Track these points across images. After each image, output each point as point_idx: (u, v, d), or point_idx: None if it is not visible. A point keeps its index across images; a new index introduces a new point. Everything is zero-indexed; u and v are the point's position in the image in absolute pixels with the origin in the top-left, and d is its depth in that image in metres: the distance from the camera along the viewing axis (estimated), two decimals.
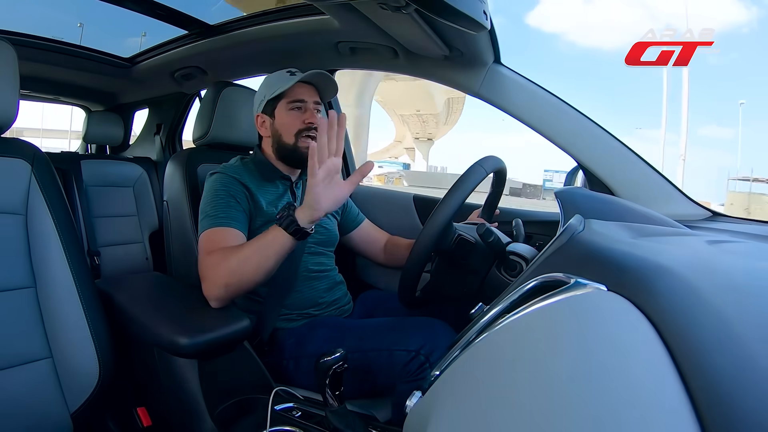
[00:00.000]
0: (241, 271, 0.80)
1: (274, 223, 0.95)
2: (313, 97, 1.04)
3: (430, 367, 0.82)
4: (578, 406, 0.23)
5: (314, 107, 1.04)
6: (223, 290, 0.82)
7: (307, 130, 1.02)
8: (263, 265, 0.80)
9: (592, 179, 1.03)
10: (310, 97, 1.03)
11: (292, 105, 1.02)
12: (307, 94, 1.03)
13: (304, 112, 1.02)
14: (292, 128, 1.02)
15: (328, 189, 0.76)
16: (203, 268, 0.85)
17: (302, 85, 1.03)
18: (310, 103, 1.03)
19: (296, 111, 1.02)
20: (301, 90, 1.03)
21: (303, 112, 1.02)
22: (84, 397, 0.78)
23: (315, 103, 1.04)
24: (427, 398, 0.38)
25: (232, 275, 0.81)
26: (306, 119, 1.02)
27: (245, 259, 0.80)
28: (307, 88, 1.04)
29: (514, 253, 0.81)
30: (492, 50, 1.03)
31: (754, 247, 0.57)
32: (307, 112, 1.03)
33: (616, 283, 0.33)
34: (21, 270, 0.77)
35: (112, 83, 2.04)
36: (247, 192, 0.98)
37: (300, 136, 1.02)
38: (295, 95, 1.02)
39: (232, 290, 0.82)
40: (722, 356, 0.23)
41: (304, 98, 1.02)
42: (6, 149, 0.80)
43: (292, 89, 1.02)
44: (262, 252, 0.80)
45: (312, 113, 1.03)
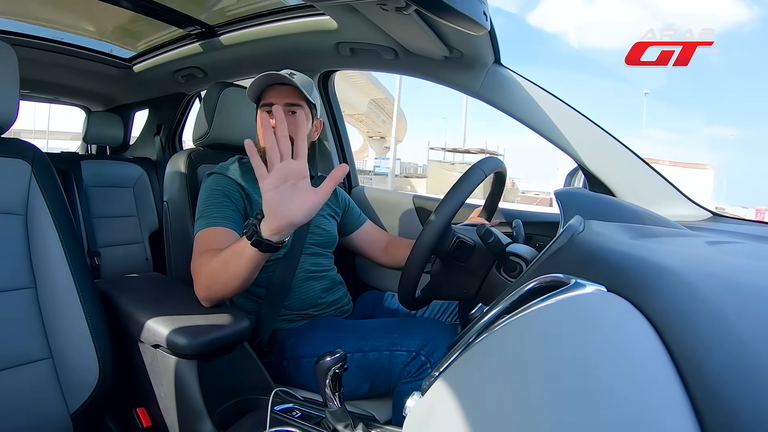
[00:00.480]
0: (218, 277, 0.79)
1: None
2: (285, 99, 0.98)
3: (430, 367, 0.82)
4: (578, 407, 0.23)
5: (285, 109, 0.98)
6: (207, 291, 0.82)
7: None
8: (237, 273, 0.77)
9: (592, 180, 1.03)
10: (279, 99, 0.98)
11: (263, 109, 1.00)
12: (276, 96, 0.99)
13: (273, 115, 0.97)
14: (262, 132, 0.99)
15: (289, 196, 0.67)
16: (193, 269, 0.85)
17: (274, 87, 0.99)
18: (280, 104, 0.96)
19: (267, 114, 0.99)
20: (271, 92, 0.99)
21: (272, 115, 0.97)
22: (84, 397, 0.78)
23: (286, 104, 0.98)
24: (426, 399, 0.38)
25: (212, 279, 0.80)
26: (273, 123, 0.98)
27: (222, 265, 0.78)
28: (279, 90, 0.99)
29: (514, 254, 0.81)
30: (492, 51, 1.03)
31: (754, 247, 0.57)
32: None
33: (616, 284, 0.33)
34: (21, 270, 0.77)
35: (112, 84, 2.04)
36: (243, 192, 0.97)
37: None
38: (265, 98, 1.00)
39: (215, 293, 0.81)
40: (722, 357, 0.23)
41: (271, 101, 0.98)
42: (6, 150, 0.80)
43: (265, 92, 1.00)
44: (233, 261, 0.76)
45: (277, 115, 0.98)
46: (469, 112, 25.06)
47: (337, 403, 0.63)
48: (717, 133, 61.41)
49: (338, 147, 1.55)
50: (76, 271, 0.80)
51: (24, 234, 0.79)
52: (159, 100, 2.09)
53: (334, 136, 1.54)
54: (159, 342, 0.74)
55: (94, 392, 0.78)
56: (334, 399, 0.62)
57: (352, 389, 0.87)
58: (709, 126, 62.24)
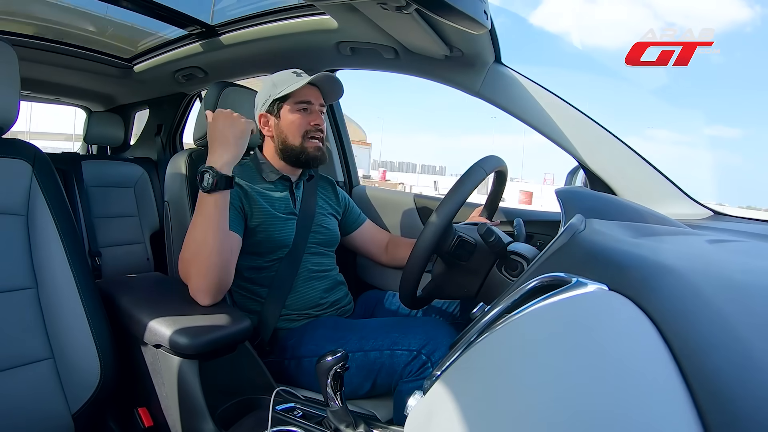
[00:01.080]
0: (191, 244, 0.84)
1: (270, 222, 0.98)
2: (319, 99, 1.05)
3: (431, 366, 0.82)
4: (580, 405, 0.23)
5: (319, 109, 1.05)
6: (184, 273, 0.85)
7: (314, 132, 1.03)
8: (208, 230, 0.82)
9: (593, 179, 1.03)
10: (316, 99, 1.04)
11: (298, 106, 1.02)
12: (313, 96, 1.04)
13: (310, 114, 1.03)
14: (299, 129, 1.03)
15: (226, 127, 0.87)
16: (180, 258, 0.87)
17: (308, 87, 1.03)
18: (316, 104, 1.04)
19: (302, 112, 1.03)
20: (308, 91, 1.03)
21: (309, 113, 1.03)
22: (85, 397, 0.78)
23: (320, 105, 1.05)
24: (428, 398, 0.38)
25: (189, 263, 0.84)
26: (312, 120, 1.03)
27: (192, 235, 0.84)
28: (313, 90, 1.04)
29: (515, 252, 0.81)
30: (492, 50, 1.03)
31: (755, 246, 0.56)
32: (313, 113, 1.03)
33: (618, 283, 0.33)
34: (22, 271, 0.77)
35: (112, 84, 2.04)
36: (241, 189, 0.98)
37: (307, 137, 1.03)
38: (302, 96, 1.03)
39: (194, 276, 0.83)
40: (723, 355, 0.23)
41: (310, 99, 1.03)
42: (7, 150, 0.80)
43: (299, 90, 1.02)
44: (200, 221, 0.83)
45: (318, 115, 1.04)
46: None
47: (339, 402, 0.63)
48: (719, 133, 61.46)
49: (338, 146, 1.55)
50: (77, 271, 0.81)
51: (25, 234, 0.79)
52: (159, 100, 2.09)
53: (334, 136, 1.54)
54: (160, 342, 0.74)
55: (96, 392, 0.78)
56: (336, 398, 0.62)
57: (353, 388, 0.87)
58: (711, 126, 62.28)
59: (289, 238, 1.01)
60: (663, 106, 74.69)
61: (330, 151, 1.52)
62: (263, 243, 0.98)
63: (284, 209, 1.03)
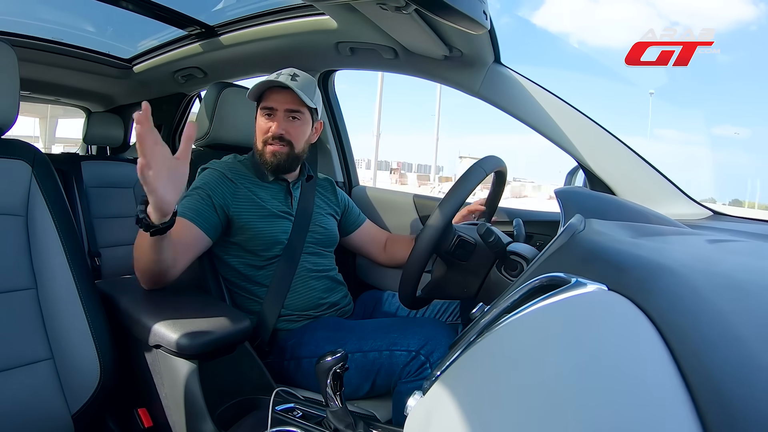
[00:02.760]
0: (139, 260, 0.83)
1: (258, 219, 0.99)
2: (287, 105, 0.99)
3: (430, 367, 0.82)
4: (579, 406, 0.23)
5: (286, 115, 0.99)
6: (138, 273, 0.87)
7: (272, 139, 0.99)
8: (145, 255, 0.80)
9: (593, 179, 1.03)
10: (281, 105, 0.99)
11: (263, 111, 1.01)
12: (279, 101, 0.99)
13: (272, 119, 1.00)
14: (260, 134, 1.01)
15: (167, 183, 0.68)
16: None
17: (277, 91, 0.99)
18: (281, 110, 0.99)
19: (266, 118, 1.00)
20: (274, 97, 0.99)
21: (271, 119, 1.00)
22: (85, 398, 0.78)
23: (287, 110, 0.99)
24: (427, 398, 0.38)
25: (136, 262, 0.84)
26: (271, 128, 0.99)
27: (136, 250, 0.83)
28: (282, 95, 0.99)
29: (515, 252, 0.81)
30: (492, 50, 1.03)
31: (755, 246, 0.56)
32: (276, 119, 0.99)
33: (617, 283, 0.33)
34: (21, 271, 0.77)
35: (112, 84, 2.04)
36: (229, 189, 0.98)
37: (266, 144, 1.00)
38: (266, 101, 1.00)
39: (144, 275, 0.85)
40: (723, 355, 0.23)
41: (272, 105, 0.99)
42: (6, 150, 0.80)
43: (266, 94, 1.00)
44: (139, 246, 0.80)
45: (280, 121, 0.99)
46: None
47: (338, 402, 0.63)
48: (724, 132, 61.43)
49: (338, 147, 1.55)
50: (76, 271, 0.81)
51: (24, 235, 0.79)
52: (159, 101, 2.09)
53: (334, 136, 1.54)
54: (160, 342, 0.74)
55: (95, 393, 0.78)
56: (335, 399, 0.62)
57: (352, 389, 0.87)
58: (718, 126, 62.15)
59: (281, 236, 1.00)
60: (667, 106, 74.82)
61: (330, 151, 1.52)
62: (253, 240, 0.98)
63: (278, 208, 1.02)
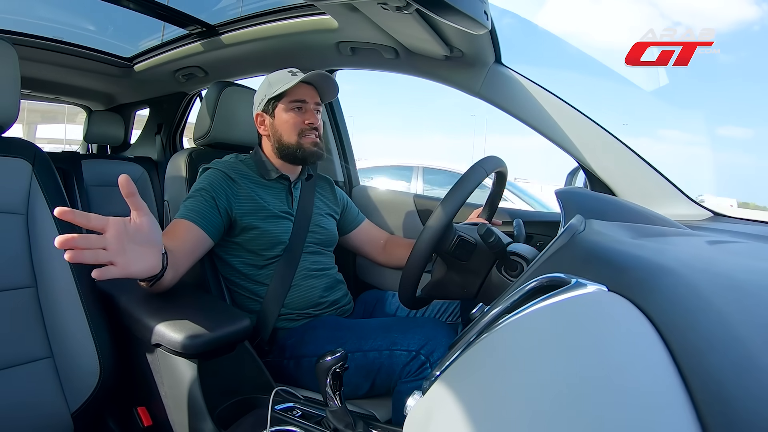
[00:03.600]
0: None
1: (261, 219, 0.99)
2: (314, 98, 1.04)
3: (430, 366, 0.82)
4: (578, 407, 0.23)
5: (314, 107, 1.04)
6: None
7: (308, 130, 1.03)
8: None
9: (593, 179, 1.03)
10: (311, 98, 1.04)
11: (293, 105, 1.03)
12: (308, 95, 1.04)
13: (304, 113, 1.03)
14: (294, 128, 1.03)
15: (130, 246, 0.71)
16: None
17: (303, 86, 1.03)
18: (311, 103, 1.04)
19: (296, 111, 1.03)
20: (303, 90, 1.03)
21: (303, 112, 1.03)
22: (84, 396, 0.78)
23: (315, 104, 1.05)
24: (427, 398, 0.38)
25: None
26: (306, 119, 1.03)
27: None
28: (308, 89, 1.04)
29: (515, 253, 0.81)
30: (493, 50, 1.03)
31: (755, 247, 0.56)
32: (307, 112, 1.03)
33: (617, 284, 0.33)
34: (21, 270, 0.77)
35: (112, 83, 2.04)
36: (231, 189, 0.98)
37: (302, 135, 1.03)
38: (296, 95, 1.03)
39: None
40: (723, 356, 0.23)
41: (305, 98, 1.03)
42: (7, 149, 0.80)
43: (294, 89, 1.02)
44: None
45: (312, 113, 1.04)
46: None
47: (338, 402, 0.63)
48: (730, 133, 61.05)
49: (339, 147, 1.55)
50: (76, 270, 0.81)
51: (25, 233, 0.79)
52: (160, 100, 2.09)
53: (334, 136, 1.54)
54: (160, 341, 0.74)
55: (95, 391, 0.78)
56: (335, 398, 0.62)
57: (352, 389, 0.87)
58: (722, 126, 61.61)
59: (283, 236, 1.01)
60: (671, 107, 74.42)
61: (330, 150, 1.52)
62: (255, 240, 0.99)
63: (279, 208, 1.03)
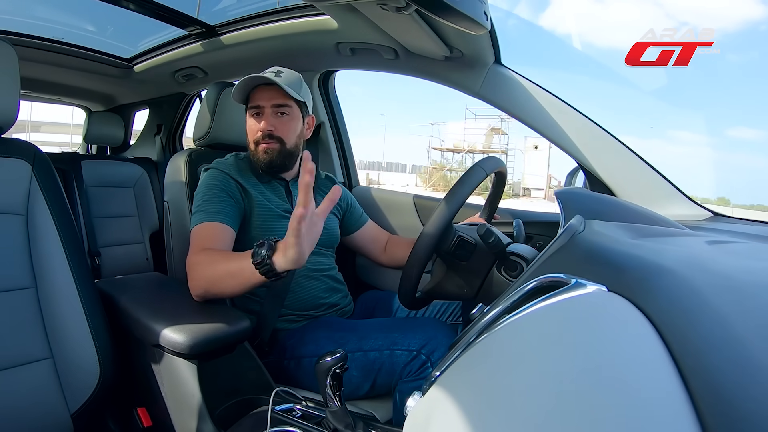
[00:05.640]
0: (217, 286, 0.80)
1: (267, 219, 0.97)
2: (272, 100, 0.97)
3: (431, 366, 0.82)
4: (578, 407, 0.23)
5: (274, 111, 0.97)
6: (203, 292, 0.82)
7: (261, 138, 0.97)
8: (237, 288, 0.78)
9: (593, 179, 1.03)
10: (267, 101, 0.96)
11: (251, 111, 0.99)
12: (264, 98, 0.97)
13: (260, 118, 0.97)
14: (251, 136, 1.00)
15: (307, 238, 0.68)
16: (189, 265, 0.84)
17: (262, 89, 0.97)
18: (268, 107, 0.97)
19: (254, 117, 0.98)
20: (260, 94, 0.97)
21: (260, 117, 0.98)
22: (84, 397, 0.78)
23: (274, 106, 0.97)
24: (427, 399, 0.38)
25: (209, 285, 0.81)
26: (260, 127, 0.97)
27: (226, 276, 0.78)
28: (267, 91, 0.97)
29: (515, 253, 0.81)
30: (492, 51, 1.03)
31: (755, 247, 0.56)
32: (264, 117, 0.97)
33: (617, 284, 0.33)
34: (21, 270, 0.77)
35: (112, 84, 2.04)
36: (240, 187, 0.98)
37: (257, 144, 0.98)
38: (252, 100, 0.98)
39: (211, 295, 0.82)
40: (722, 356, 0.23)
41: (259, 103, 0.97)
42: (6, 149, 0.80)
43: (252, 94, 0.98)
44: (236, 279, 0.76)
45: (268, 118, 0.97)
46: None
47: (338, 402, 0.63)
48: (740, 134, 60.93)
49: (338, 147, 1.55)
50: (76, 271, 0.81)
51: (24, 234, 0.79)
52: (159, 100, 2.09)
53: (334, 136, 1.54)
54: (159, 342, 0.74)
55: (95, 392, 0.78)
56: (335, 399, 0.62)
57: (352, 389, 0.87)
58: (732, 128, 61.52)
59: (283, 237, 1.00)
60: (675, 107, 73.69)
61: (330, 150, 1.52)
62: (256, 241, 0.98)
63: (281, 207, 1.02)
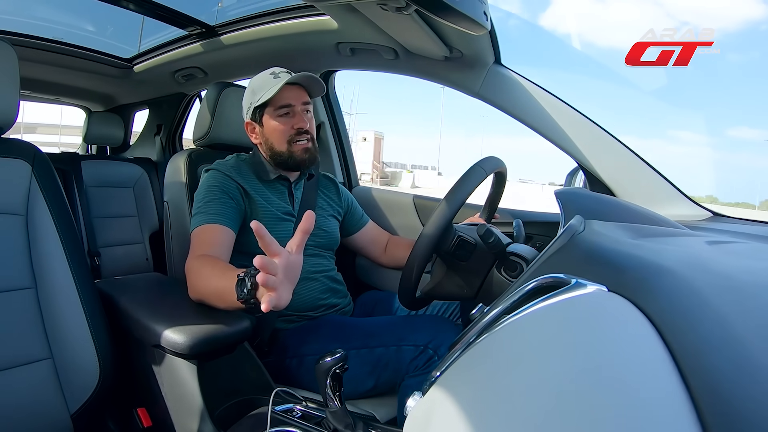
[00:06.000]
0: (208, 300, 0.79)
1: (268, 221, 0.96)
2: (301, 98, 1.00)
3: (438, 360, 0.82)
4: (578, 407, 0.23)
5: (303, 109, 1.00)
6: (197, 299, 0.81)
7: (297, 135, 0.99)
8: (225, 308, 0.76)
9: (592, 180, 1.03)
10: (297, 100, 0.99)
11: (279, 111, 0.99)
12: (294, 97, 0.99)
13: (293, 117, 0.99)
14: (284, 135, 0.99)
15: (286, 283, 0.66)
16: (187, 269, 0.84)
17: (288, 87, 0.98)
18: (298, 105, 0.99)
19: (284, 117, 0.99)
20: (288, 93, 0.98)
21: (291, 117, 0.99)
22: (84, 397, 0.78)
23: (303, 104, 1.00)
24: (427, 399, 0.38)
25: (201, 297, 0.80)
26: (295, 124, 0.99)
27: (209, 295, 0.77)
28: (294, 90, 0.99)
29: (515, 253, 0.81)
30: (492, 51, 1.03)
31: (754, 247, 0.57)
32: (295, 116, 0.99)
33: (617, 284, 0.33)
34: (21, 271, 0.77)
35: (112, 84, 2.04)
36: (241, 189, 0.97)
37: (293, 142, 1.00)
38: (281, 100, 0.98)
39: (206, 303, 0.80)
40: (722, 356, 0.23)
41: (291, 102, 0.98)
42: (6, 150, 0.80)
43: (279, 94, 0.98)
44: (223, 301, 0.74)
45: (301, 116, 0.99)
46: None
47: (338, 403, 0.63)
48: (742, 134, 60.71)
49: (338, 147, 1.55)
50: (76, 271, 0.81)
51: (24, 234, 0.79)
52: (159, 100, 2.09)
53: (334, 136, 1.54)
54: (159, 342, 0.74)
55: (95, 392, 0.78)
56: (335, 399, 0.62)
57: (356, 385, 0.86)
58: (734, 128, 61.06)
59: (285, 239, 1.00)
60: (678, 108, 74.08)
61: (330, 150, 1.52)
62: (255, 242, 0.98)
63: (281, 209, 1.01)
